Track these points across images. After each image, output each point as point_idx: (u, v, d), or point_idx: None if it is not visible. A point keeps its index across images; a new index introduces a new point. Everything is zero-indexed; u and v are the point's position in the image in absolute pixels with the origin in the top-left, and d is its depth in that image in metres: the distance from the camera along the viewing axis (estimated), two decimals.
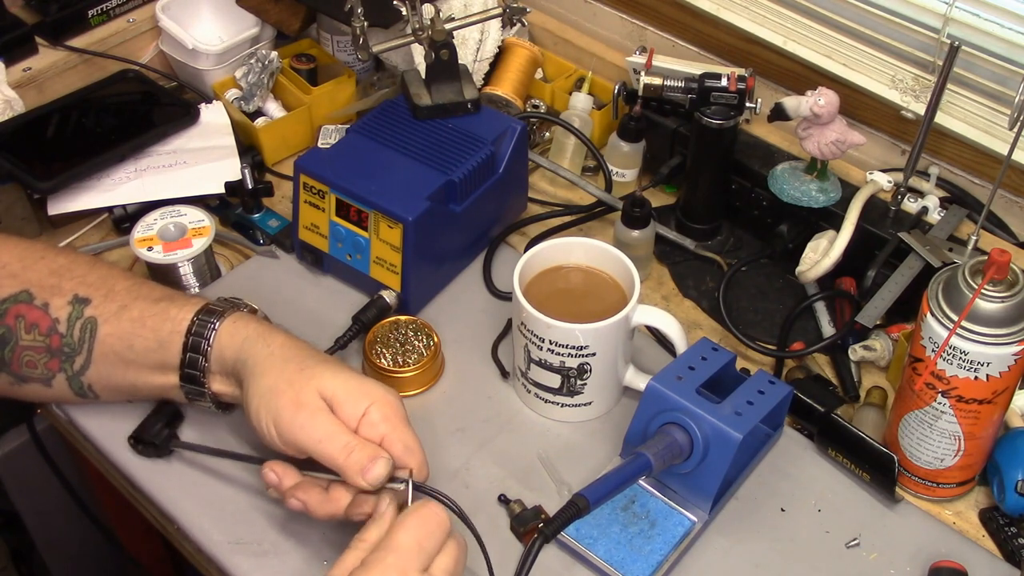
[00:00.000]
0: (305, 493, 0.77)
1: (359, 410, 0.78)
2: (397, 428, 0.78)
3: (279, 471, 0.78)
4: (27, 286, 0.86)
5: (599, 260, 0.95)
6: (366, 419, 0.78)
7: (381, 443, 0.77)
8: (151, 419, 0.89)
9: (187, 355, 0.83)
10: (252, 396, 0.79)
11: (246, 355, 0.81)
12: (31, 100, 1.18)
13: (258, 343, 0.82)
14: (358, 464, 0.75)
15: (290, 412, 0.77)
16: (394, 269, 0.99)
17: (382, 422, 0.78)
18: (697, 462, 0.83)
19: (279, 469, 0.79)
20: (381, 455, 0.75)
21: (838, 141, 0.99)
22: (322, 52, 1.27)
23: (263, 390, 0.78)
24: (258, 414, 0.78)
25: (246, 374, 0.80)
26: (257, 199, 1.11)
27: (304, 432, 0.76)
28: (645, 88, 1.08)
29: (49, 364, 0.86)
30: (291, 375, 0.78)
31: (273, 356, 0.80)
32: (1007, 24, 1.01)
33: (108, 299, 0.86)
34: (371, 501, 0.76)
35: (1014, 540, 0.85)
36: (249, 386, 0.79)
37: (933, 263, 0.96)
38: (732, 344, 0.99)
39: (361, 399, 0.78)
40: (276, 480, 0.78)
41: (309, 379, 0.78)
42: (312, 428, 0.76)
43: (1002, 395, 0.81)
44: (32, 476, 1.17)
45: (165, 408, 0.90)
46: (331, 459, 0.76)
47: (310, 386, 0.78)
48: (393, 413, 0.79)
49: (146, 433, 0.88)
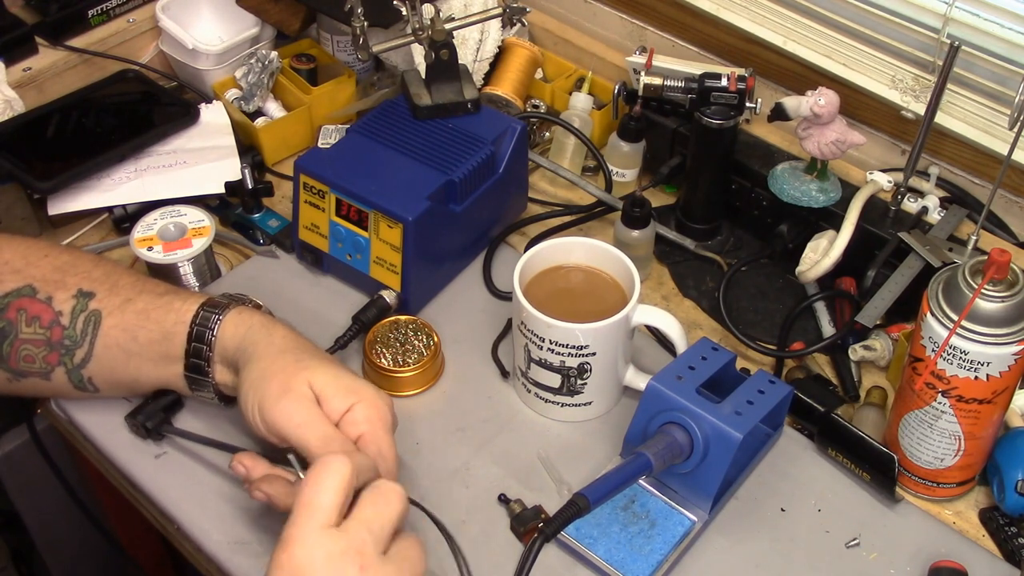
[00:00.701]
0: (270, 486, 0.76)
1: (344, 406, 0.78)
2: (376, 431, 0.78)
3: (248, 463, 0.78)
4: (31, 281, 0.86)
5: (599, 260, 0.95)
6: (349, 415, 0.78)
7: (357, 441, 0.77)
8: (150, 402, 0.90)
9: (192, 345, 0.84)
10: (244, 380, 0.80)
11: (247, 343, 0.82)
12: (31, 100, 1.18)
13: (260, 332, 0.82)
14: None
15: (275, 396, 0.77)
16: (394, 269, 0.99)
17: (364, 422, 0.78)
18: (697, 462, 0.83)
19: (248, 461, 0.78)
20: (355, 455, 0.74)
21: (838, 141, 0.99)
22: (322, 52, 1.27)
23: (255, 375, 0.79)
24: (246, 397, 0.79)
25: (244, 361, 0.81)
26: (257, 199, 1.11)
27: (285, 416, 0.77)
28: (645, 88, 1.08)
29: (48, 358, 0.86)
30: (285, 363, 0.79)
31: (272, 345, 0.81)
32: (1007, 24, 1.01)
33: (113, 293, 0.86)
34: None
35: (1014, 540, 0.85)
36: (244, 372, 0.80)
37: (933, 263, 0.96)
38: (732, 344, 0.99)
39: (348, 396, 0.79)
40: (244, 472, 0.78)
41: (302, 369, 0.79)
42: (293, 412, 0.77)
43: (1002, 395, 0.81)
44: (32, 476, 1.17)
45: (166, 394, 0.90)
46: (307, 445, 0.76)
47: (301, 376, 0.78)
48: (377, 416, 0.79)
49: (143, 414, 0.89)
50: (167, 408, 0.90)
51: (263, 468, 0.78)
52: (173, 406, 0.91)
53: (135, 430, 0.90)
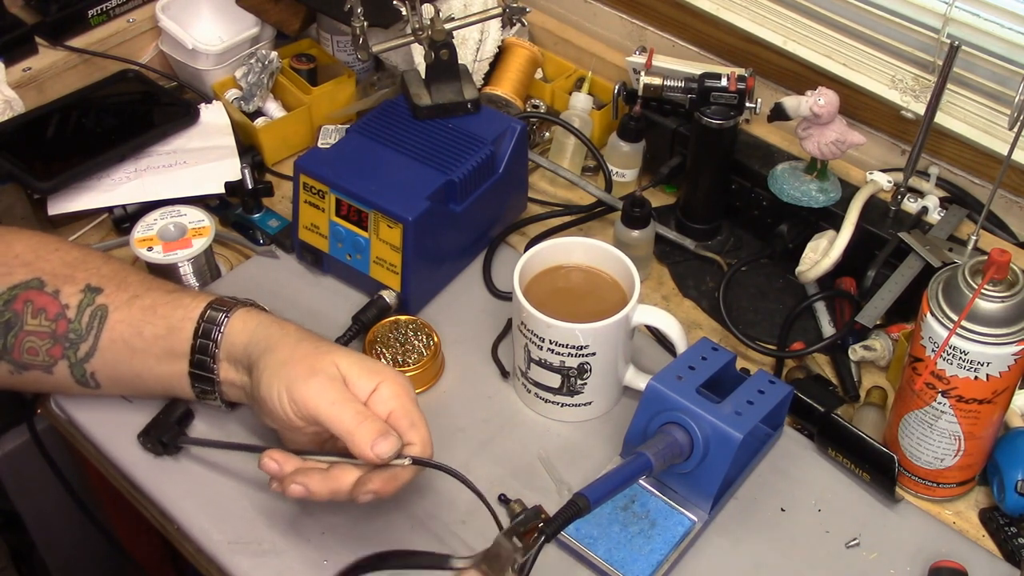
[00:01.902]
0: (305, 476, 0.77)
1: (370, 386, 0.79)
2: (405, 405, 0.79)
3: (279, 458, 0.78)
4: (39, 275, 0.86)
5: (599, 260, 0.95)
6: (376, 395, 0.79)
7: (388, 418, 0.78)
8: (162, 416, 0.90)
9: (198, 341, 0.84)
10: (264, 370, 0.80)
11: (258, 338, 0.82)
12: (31, 100, 1.18)
13: (272, 327, 0.83)
14: (369, 434, 0.75)
15: (304, 378, 0.78)
16: (394, 269, 0.99)
17: (392, 398, 0.79)
18: (697, 462, 0.83)
19: (279, 456, 0.78)
20: (391, 432, 0.76)
21: (838, 141, 0.99)
22: (322, 52, 1.27)
23: (276, 364, 0.79)
24: (270, 386, 0.79)
25: (258, 354, 0.81)
26: (257, 199, 1.11)
27: (318, 395, 0.77)
28: (645, 88, 1.08)
29: (51, 351, 0.86)
30: (307, 350, 0.80)
31: (288, 336, 0.82)
32: (1007, 24, 1.01)
33: (121, 289, 0.86)
34: (378, 479, 0.76)
35: (1014, 540, 0.85)
36: (261, 364, 0.80)
37: (933, 263, 0.96)
38: (732, 344, 0.99)
39: (373, 376, 0.80)
40: (276, 468, 0.78)
41: (326, 353, 0.80)
42: (326, 391, 0.77)
43: (1002, 395, 0.81)
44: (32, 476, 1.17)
45: (177, 406, 0.90)
46: (342, 424, 0.76)
47: (327, 359, 0.79)
48: (403, 392, 0.80)
49: (156, 430, 0.89)
50: (180, 420, 0.90)
51: (295, 463, 0.78)
52: (185, 417, 0.91)
53: (149, 447, 0.89)
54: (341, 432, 0.76)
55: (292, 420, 0.79)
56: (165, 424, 0.89)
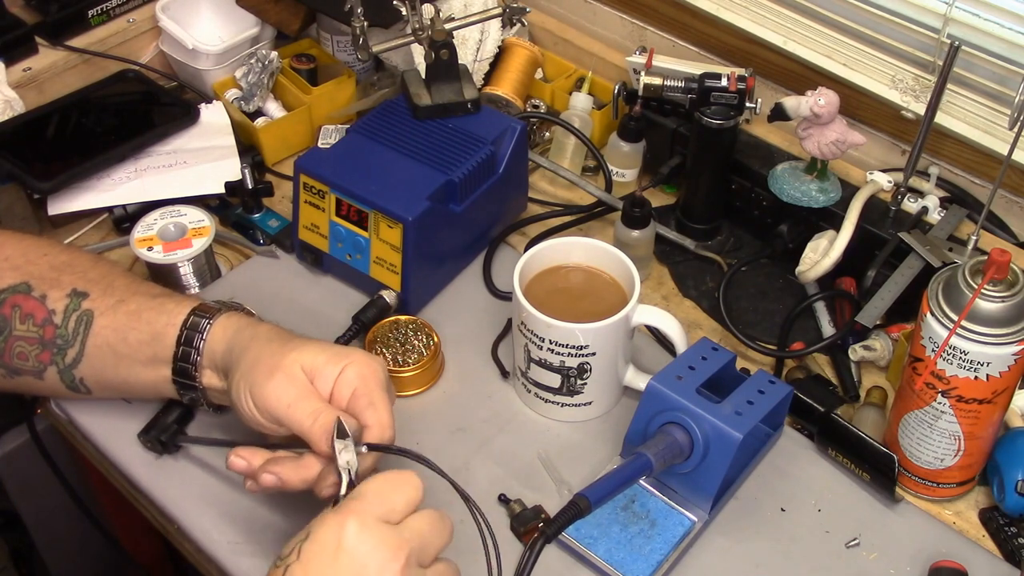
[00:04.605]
0: (277, 465, 0.76)
1: (335, 371, 0.78)
2: (368, 384, 0.78)
3: (245, 454, 0.77)
4: (27, 278, 0.86)
5: (599, 260, 0.95)
6: (341, 376, 0.78)
7: (350, 398, 0.77)
8: (162, 415, 0.90)
9: (180, 348, 0.83)
10: (235, 373, 0.79)
11: (235, 343, 0.81)
12: (31, 100, 1.18)
13: (246, 331, 0.82)
14: (323, 429, 0.74)
15: (264, 379, 0.77)
16: (394, 269, 0.99)
17: (356, 378, 0.78)
18: (697, 462, 0.83)
19: (245, 452, 0.78)
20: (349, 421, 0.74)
21: (838, 141, 0.99)
22: (322, 52, 1.27)
23: (246, 367, 0.78)
24: (238, 389, 0.78)
25: (234, 359, 0.80)
26: (257, 199, 1.11)
27: (275, 396, 0.76)
28: (645, 88, 1.08)
29: (40, 356, 0.86)
30: (272, 349, 0.79)
31: (258, 338, 0.80)
32: (1007, 24, 1.01)
33: (107, 293, 0.86)
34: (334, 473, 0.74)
35: (1014, 540, 0.85)
36: (234, 368, 0.79)
37: (933, 263, 0.96)
38: (732, 344, 0.99)
39: (339, 360, 0.78)
40: (244, 464, 0.77)
41: (290, 351, 0.78)
42: (283, 392, 0.76)
43: (1002, 395, 0.81)
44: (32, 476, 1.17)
45: (176, 405, 0.90)
46: (300, 423, 0.75)
47: (290, 357, 0.78)
48: (368, 371, 0.78)
49: (156, 429, 0.89)
50: (180, 419, 0.90)
51: (262, 455, 0.77)
52: (185, 417, 0.90)
53: (149, 447, 0.89)
54: (300, 432, 0.75)
55: (261, 422, 0.78)
56: (164, 423, 0.89)
